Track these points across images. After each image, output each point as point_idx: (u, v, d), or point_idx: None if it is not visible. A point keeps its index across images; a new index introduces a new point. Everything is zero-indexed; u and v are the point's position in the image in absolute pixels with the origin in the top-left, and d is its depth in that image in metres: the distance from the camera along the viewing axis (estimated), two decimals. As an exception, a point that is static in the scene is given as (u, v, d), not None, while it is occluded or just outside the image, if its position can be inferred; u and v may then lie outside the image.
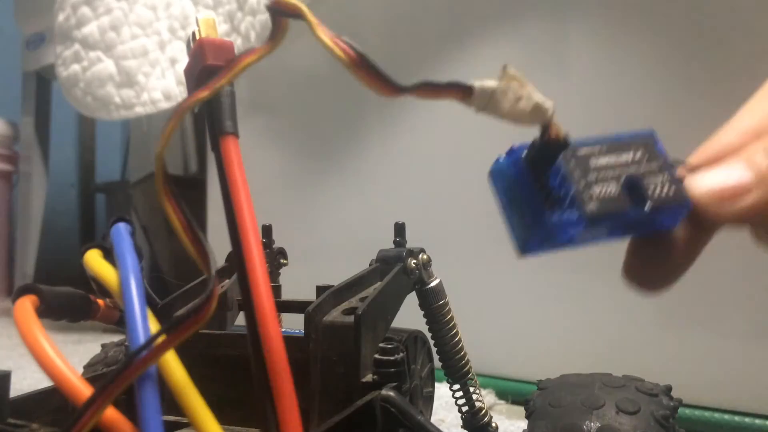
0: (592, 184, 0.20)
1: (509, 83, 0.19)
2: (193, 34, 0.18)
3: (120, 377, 0.16)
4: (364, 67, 0.17)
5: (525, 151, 0.20)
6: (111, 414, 0.17)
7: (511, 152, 0.20)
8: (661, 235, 0.22)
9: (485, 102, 0.19)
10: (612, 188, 0.20)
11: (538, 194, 0.19)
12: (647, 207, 0.20)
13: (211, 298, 0.17)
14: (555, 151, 0.20)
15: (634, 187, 0.20)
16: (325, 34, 0.18)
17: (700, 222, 0.21)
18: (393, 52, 0.89)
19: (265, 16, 0.97)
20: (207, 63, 0.18)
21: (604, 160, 0.20)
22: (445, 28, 0.83)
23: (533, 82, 0.20)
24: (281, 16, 0.18)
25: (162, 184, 0.18)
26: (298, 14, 0.18)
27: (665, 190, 0.21)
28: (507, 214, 0.20)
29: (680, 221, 0.21)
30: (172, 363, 0.18)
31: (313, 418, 0.31)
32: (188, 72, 0.19)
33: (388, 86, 0.18)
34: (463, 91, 0.19)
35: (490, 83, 0.19)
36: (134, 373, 0.16)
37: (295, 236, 0.82)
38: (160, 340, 0.17)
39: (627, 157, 0.21)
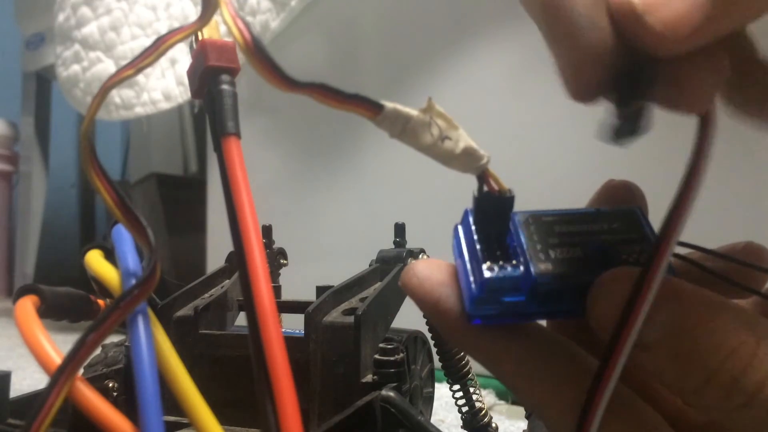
0: (551, 247, 0.17)
1: (433, 118, 0.17)
2: (195, 35, 0.18)
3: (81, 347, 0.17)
4: (257, 52, 0.17)
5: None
6: (111, 414, 0.17)
7: (465, 214, 0.18)
8: None
9: (399, 128, 0.17)
10: (577, 252, 0.17)
11: (481, 254, 0.16)
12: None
13: (155, 271, 0.18)
14: (501, 207, 0.17)
15: (602, 254, 0.17)
16: (228, 11, 0.17)
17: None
18: (393, 52, 0.89)
19: (264, 17, 0.97)
20: (209, 64, 0.18)
21: (572, 228, 0.17)
22: (445, 29, 0.83)
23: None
24: None
25: (89, 162, 0.19)
26: None
27: (642, 258, 0.17)
28: (459, 277, 0.17)
29: None
30: (173, 363, 0.18)
31: (313, 419, 0.31)
32: (191, 73, 0.19)
33: (279, 78, 0.17)
34: (369, 108, 0.17)
35: (407, 110, 0.17)
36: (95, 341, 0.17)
37: (295, 236, 0.82)
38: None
39: (600, 226, 0.17)
